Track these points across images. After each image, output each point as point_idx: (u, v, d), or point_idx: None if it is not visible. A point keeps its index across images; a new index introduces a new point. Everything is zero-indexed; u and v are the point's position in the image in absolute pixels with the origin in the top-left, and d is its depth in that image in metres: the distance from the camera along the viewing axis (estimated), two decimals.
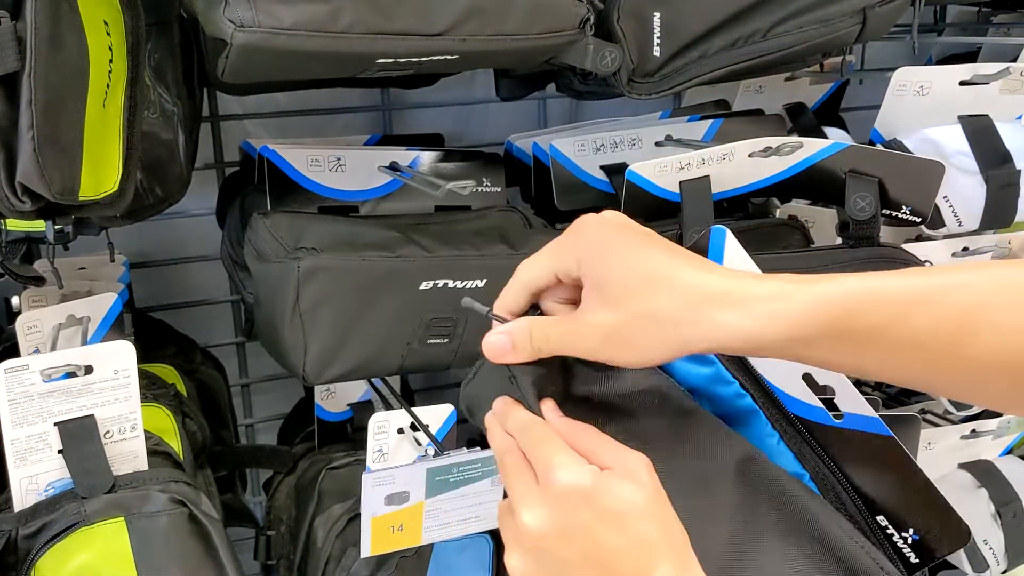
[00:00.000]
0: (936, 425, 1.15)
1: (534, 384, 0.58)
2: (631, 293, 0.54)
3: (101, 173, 0.73)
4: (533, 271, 0.59)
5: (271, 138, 1.21)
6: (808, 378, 0.61)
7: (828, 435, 0.61)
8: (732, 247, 0.63)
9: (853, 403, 0.61)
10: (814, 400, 0.61)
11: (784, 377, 0.62)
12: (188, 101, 0.94)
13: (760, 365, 0.62)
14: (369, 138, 1.21)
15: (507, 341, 0.58)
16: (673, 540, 0.51)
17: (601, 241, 0.56)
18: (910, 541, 0.61)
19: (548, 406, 0.58)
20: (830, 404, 0.62)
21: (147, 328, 1.10)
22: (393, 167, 0.99)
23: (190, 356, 1.10)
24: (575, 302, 0.58)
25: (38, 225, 0.80)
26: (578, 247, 0.56)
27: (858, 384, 1.30)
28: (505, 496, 0.56)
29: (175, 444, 0.90)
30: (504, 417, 0.58)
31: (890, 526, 0.61)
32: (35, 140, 0.63)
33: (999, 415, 1.15)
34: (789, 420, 0.62)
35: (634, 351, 0.55)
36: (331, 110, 1.22)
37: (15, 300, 1.13)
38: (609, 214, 0.58)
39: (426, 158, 1.03)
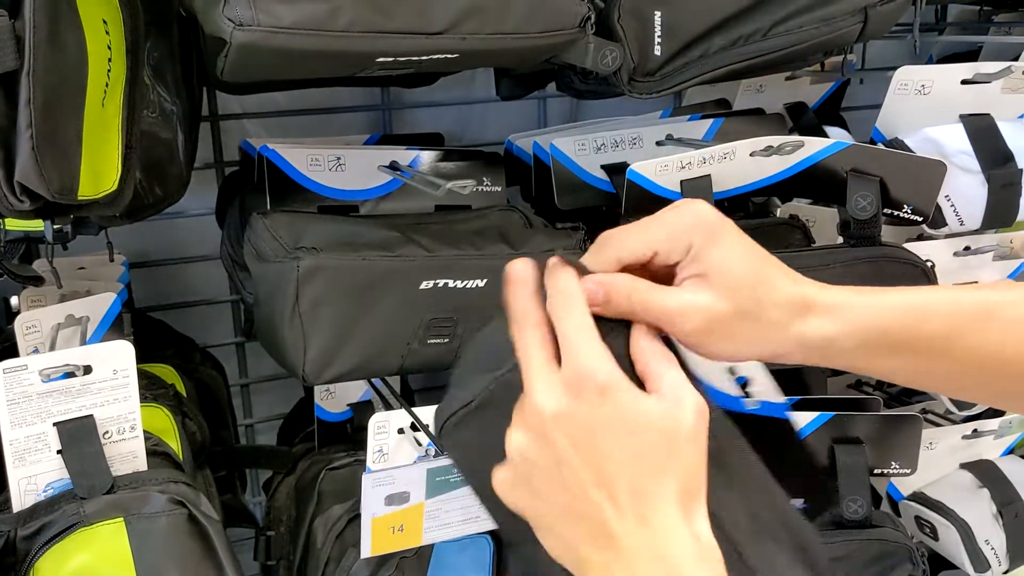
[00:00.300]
0: (937, 425, 1.15)
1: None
2: (745, 287, 0.54)
3: (100, 172, 0.72)
4: (630, 242, 0.56)
5: (271, 137, 1.20)
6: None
7: (744, 421, 0.63)
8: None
9: (766, 392, 0.62)
10: (735, 390, 0.62)
11: (708, 369, 0.62)
12: (187, 100, 0.94)
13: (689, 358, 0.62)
14: (369, 137, 1.21)
15: (599, 291, 0.54)
16: (689, 488, 0.49)
17: (715, 229, 0.55)
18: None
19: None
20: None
21: (146, 328, 1.10)
22: (393, 166, 0.99)
23: (189, 356, 1.10)
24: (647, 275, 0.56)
25: (37, 225, 0.79)
26: (691, 230, 0.55)
27: (858, 384, 1.31)
28: None
29: (174, 444, 0.90)
30: (550, 275, 0.53)
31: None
32: (34, 139, 0.63)
33: (1001, 415, 1.15)
34: None
35: (732, 344, 0.55)
36: (331, 109, 1.22)
37: (14, 300, 1.13)
38: (707, 205, 0.57)
39: (426, 157, 1.02)
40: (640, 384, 0.51)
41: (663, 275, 0.56)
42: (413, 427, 0.89)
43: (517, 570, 0.60)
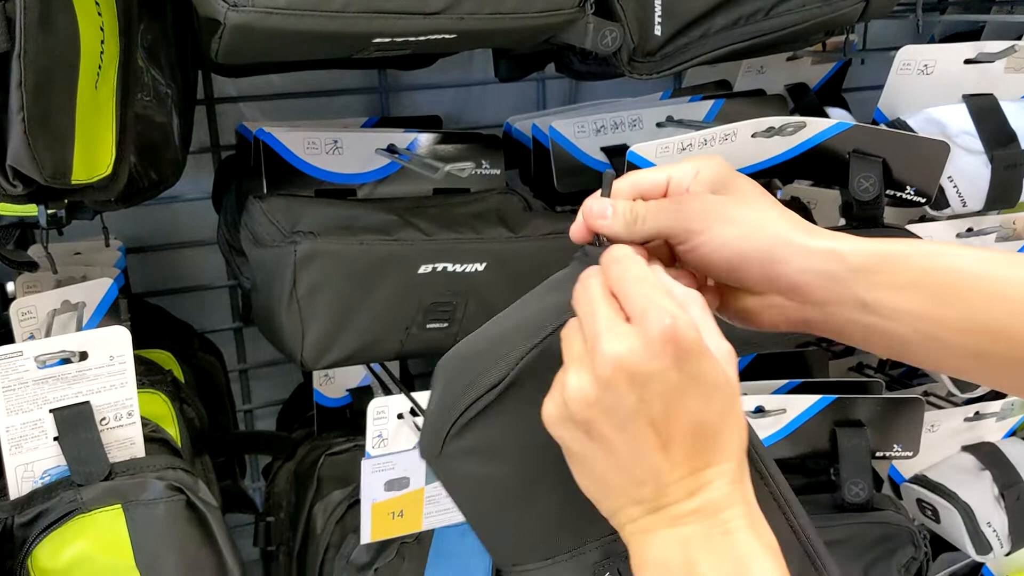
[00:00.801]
0: (939, 407, 1.14)
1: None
2: (745, 189, 0.57)
3: (94, 156, 0.72)
4: (647, 173, 0.59)
5: (267, 121, 1.19)
6: None
7: None
8: None
9: None
10: None
11: None
12: (182, 83, 0.93)
13: None
14: (366, 120, 1.19)
15: (606, 207, 0.57)
16: (739, 443, 0.50)
17: (722, 162, 0.58)
18: None
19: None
20: None
21: (143, 314, 1.09)
22: (391, 149, 0.98)
23: (187, 342, 1.10)
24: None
25: (31, 209, 0.79)
26: (698, 162, 0.58)
27: (860, 367, 1.30)
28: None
29: (172, 431, 0.89)
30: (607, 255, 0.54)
31: None
32: (25, 122, 0.62)
33: (1003, 397, 1.14)
34: None
35: (732, 228, 0.56)
36: (328, 92, 1.21)
37: (10, 286, 1.12)
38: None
39: (424, 140, 1.01)
40: None
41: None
42: (413, 412, 0.89)
43: None
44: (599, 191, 0.59)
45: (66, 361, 0.75)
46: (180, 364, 1.02)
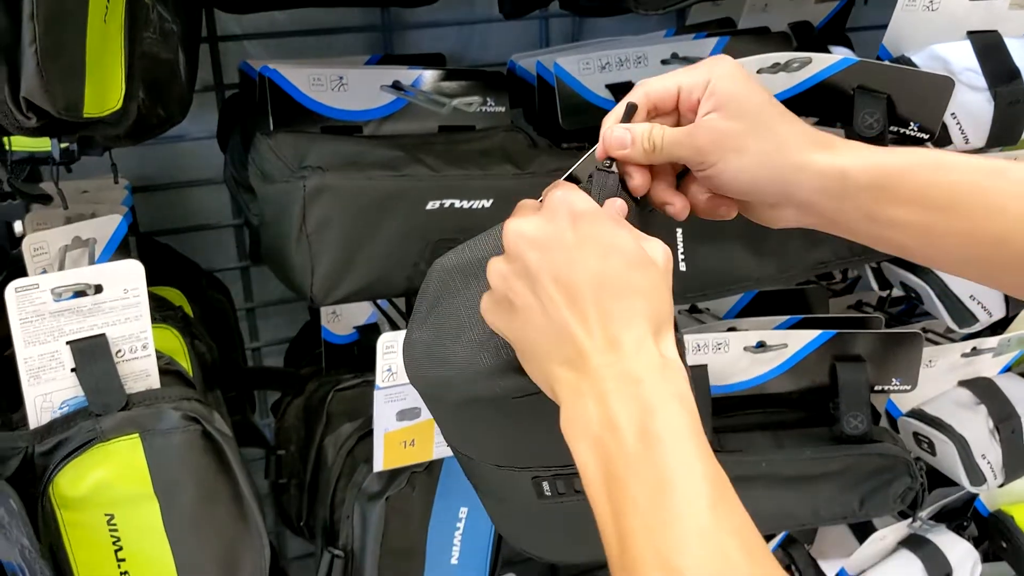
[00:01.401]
0: (937, 343, 1.16)
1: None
2: (761, 109, 0.59)
3: (104, 90, 0.72)
4: (658, 82, 0.62)
5: (270, 59, 1.19)
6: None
7: None
8: None
9: None
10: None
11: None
12: (187, 21, 0.93)
13: None
14: (369, 58, 1.19)
15: (626, 134, 0.61)
16: (659, 316, 0.52)
17: (733, 70, 0.61)
18: None
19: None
20: None
21: (151, 252, 1.10)
22: (396, 86, 0.98)
23: (195, 280, 1.11)
24: None
25: (42, 144, 0.79)
26: (710, 70, 0.61)
27: (859, 305, 1.32)
28: None
29: (185, 365, 0.91)
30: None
31: None
32: (38, 55, 0.62)
33: (999, 333, 1.16)
34: None
35: (744, 159, 0.59)
36: (330, 30, 1.20)
37: (17, 225, 1.13)
38: (739, 63, 0.63)
39: (429, 77, 1.01)
40: None
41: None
42: None
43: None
44: (613, 115, 0.62)
45: (81, 294, 0.76)
46: (189, 301, 1.03)
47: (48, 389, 0.76)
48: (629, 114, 0.62)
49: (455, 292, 0.62)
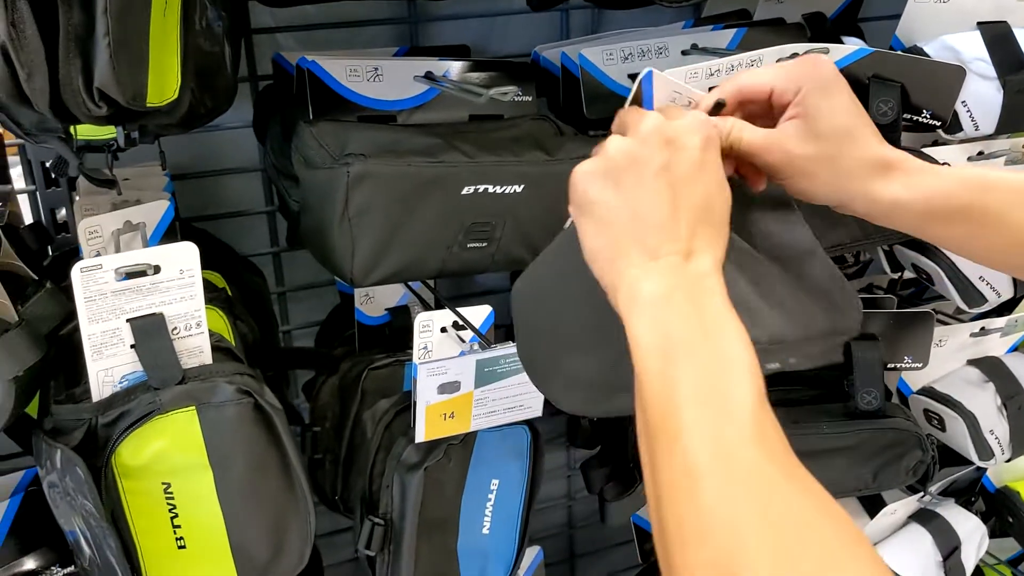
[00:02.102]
0: (946, 324, 1.20)
1: None
2: (836, 135, 0.64)
3: (163, 81, 0.76)
4: (753, 77, 0.67)
5: (300, 50, 1.22)
6: None
7: None
8: (659, 83, 0.71)
9: None
10: None
11: None
12: (232, 13, 0.96)
13: None
14: (397, 50, 1.23)
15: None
16: (723, 249, 0.58)
17: (826, 80, 0.65)
18: None
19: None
20: None
21: (190, 237, 1.13)
22: (429, 76, 1.02)
23: (233, 264, 1.15)
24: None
25: (97, 132, 0.83)
26: (805, 77, 0.65)
27: (870, 288, 1.36)
28: None
29: (230, 343, 0.95)
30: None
31: None
32: (111, 47, 0.66)
33: (1008, 314, 1.20)
34: None
35: (811, 183, 0.64)
36: (360, 22, 1.24)
37: (61, 211, 1.17)
38: (835, 67, 0.66)
39: (455, 68, 1.05)
40: None
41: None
42: (455, 325, 0.94)
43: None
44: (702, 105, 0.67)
45: (137, 275, 0.80)
46: (229, 284, 1.08)
47: (110, 364, 0.80)
48: (717, 109, 0.66)
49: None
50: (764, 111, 0.68)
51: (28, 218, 1.16)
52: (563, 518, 1.66)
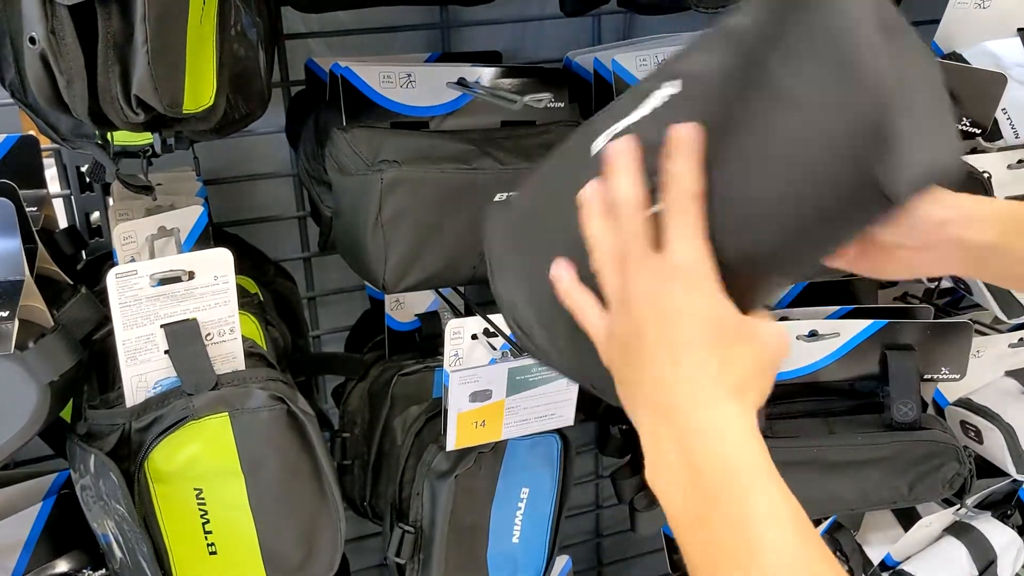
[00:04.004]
0: (985, 334, 1.18)
1: None
2: (927, 229, 0.63)
3: (199, 87, 0.76)
4: None
5: (332, 56, 1.23)
6: None
7: None
8: None
9: None
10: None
11: None
12: (266, 19, 0.97)
13: None
14: (429, 56, 1.23)
15: None
16: (749, 391, 0.53)
17: None
18: None
19: None
20: None
21: (223, 242, 1.14)
22: (461, 83, 1.02)
23: (264, 269, 1.15)
24: None
25: (134, 138, 0.84)
26: None
27: (905, 298, 1.34)
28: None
29: (263, 349, 0.95)
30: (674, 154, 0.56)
31: None
32: (149, 54, 0.67)
33: None
34: None
35: (896, 264, 0.64)
36: (392, 28, 1.24)
37: (95, 215, 1.18)
38: None
39: (488, 74, 1.05)
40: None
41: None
42: (486, 332, 0.94)
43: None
44: None
45: (172, 281, 0.80)
46: (260, 289, 1.08)
47: (144, 370, 0.80)
48: None
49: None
50: None
51: (63, 222, 1.17)
52: (591, 525, 1.65)
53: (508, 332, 0.91)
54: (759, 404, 0.54)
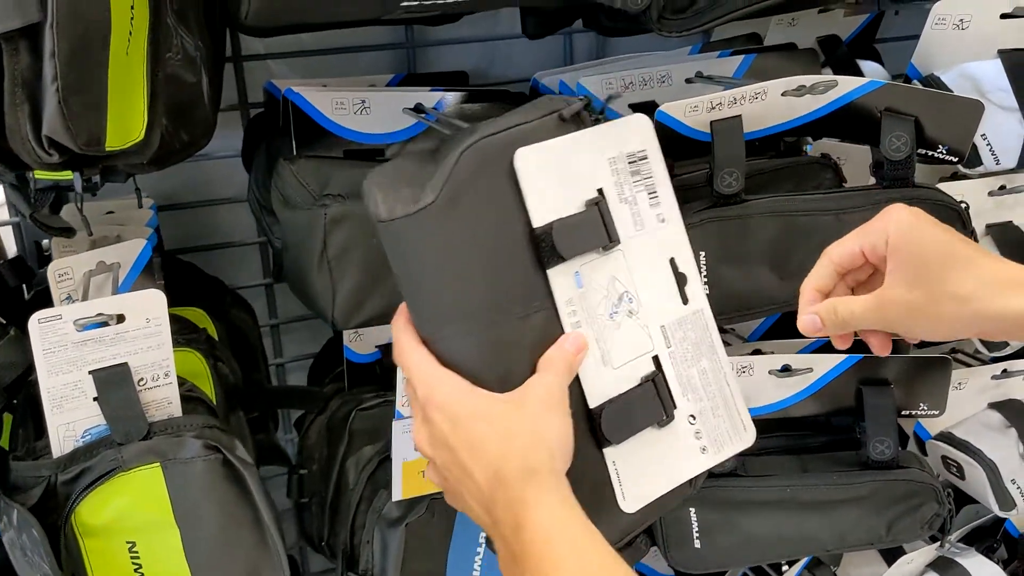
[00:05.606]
0: (967, 365, 1.14)
1: None
2: (935, 271, 0.62)
3: (127, 122, 0.72)
4: (841, 249, 0.68)
5: (294, 77, 1.19)
6: None
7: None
8: None
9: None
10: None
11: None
12: (211, 42, 0.93)
13: None
14: (393, 77, 1.19)
15: (815, 319, 0.68)
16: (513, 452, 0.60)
17: (910, 223, 0.65)
18: None
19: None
20: None
21: (176, 271, 1.11)
22: (417, 109, 0.98)
23: (220, 298, 1.11)
24: (869, 286, 0.68)
25: (66, 174, 0.80)
26: (888, 227, 0.65)
27: None
28: None
29: (207, 388, 0.91)
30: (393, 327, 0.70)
31: None
32: (60, 92, 0.63)
33: None
34: None
35: (931, 325, 0.64)
36: (355, 48, 1.20)
37: (46, 242, 1.14)
38: (914, 208, 0.67)
39: (451, 99, 1.01)
40: None
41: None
42: None
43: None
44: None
45: (104, 324, 0.76)
46: (213, 321, 1.04)
47: (71, 418, 0.76)
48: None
49: None
50: (866, 273, 0.69)
51: (13, 250, 1.13)
52: None
53: None
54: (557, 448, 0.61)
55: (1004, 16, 1.00)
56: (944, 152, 0.92)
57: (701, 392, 0.71)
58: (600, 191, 0.67)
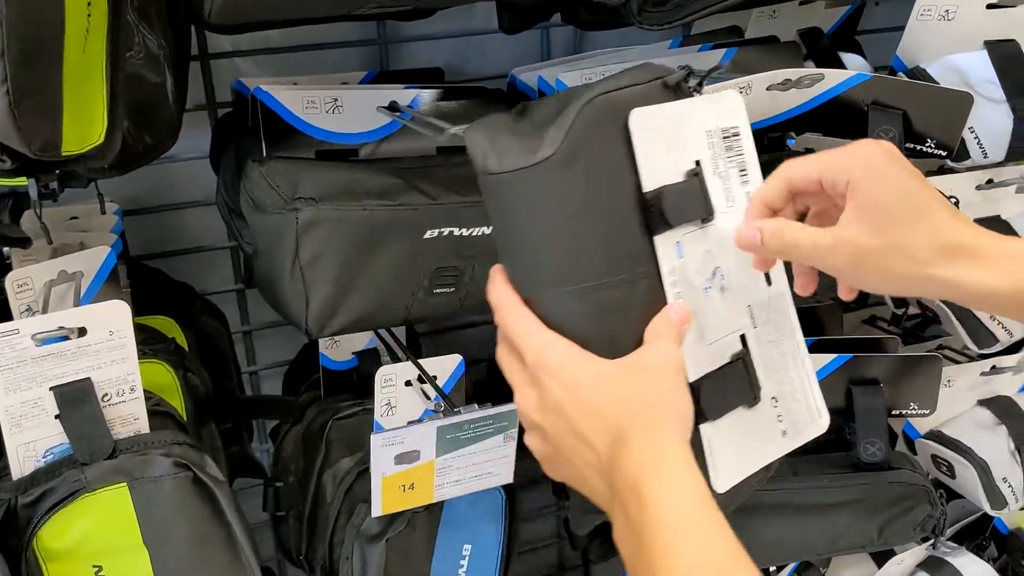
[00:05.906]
0: (955, 362, 1.12)
1: None
2: (896, 221, 0.58)
3: (85, 125, 0.69)
4: (799, 169, 0.62)
5: (264, 75, 1.15)
6: None
7: None
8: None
9: None
10: None
11: None
12: (175, 40, 0.89)
13: None
14: (366, 74, 1.15)
15: (756, 234, 0.61)
16: (644, 413, 0.57)
17: (877, 164, 0.59)
18: None
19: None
20: None
21: (143, 278, 1.07)
22: (392, 107, 0.95)
23: (189, 306, 1.07)
24: (818, 218, 0.64)
25: (21, 180, 0.76)
26: (853, 163, 0.59)
27: (872, 320, 1.28)
28: None
29: (176, 401, 0.88)
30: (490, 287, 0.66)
31: None
32: (10, 95, 0.59)
33: (1019, 351, 1.13)
34: None
35: (879, 278, 0.60)
36: (326, 45, 1.17)
37: (6, 249, 1.10)
38: (886, 144, 0.61)
39: (426, 97, 0.98)
40: None
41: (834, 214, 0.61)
42: (420, 379, 0.87)
43: None
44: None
45: (65, 337, 0.73)
46: (182, 329, 1.00)
47: (31, 437, 0.73)
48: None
49: None
50: (819, 201, 0.64)
51: None
52: (553, 559, 1.59)
53: (439, 381, 0.84)
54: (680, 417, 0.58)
55: (990, 7, 0.98)
56: (932, 146, 0.90)
57: (782, 375, 0.69)
58: (697, 163, 0.65)
